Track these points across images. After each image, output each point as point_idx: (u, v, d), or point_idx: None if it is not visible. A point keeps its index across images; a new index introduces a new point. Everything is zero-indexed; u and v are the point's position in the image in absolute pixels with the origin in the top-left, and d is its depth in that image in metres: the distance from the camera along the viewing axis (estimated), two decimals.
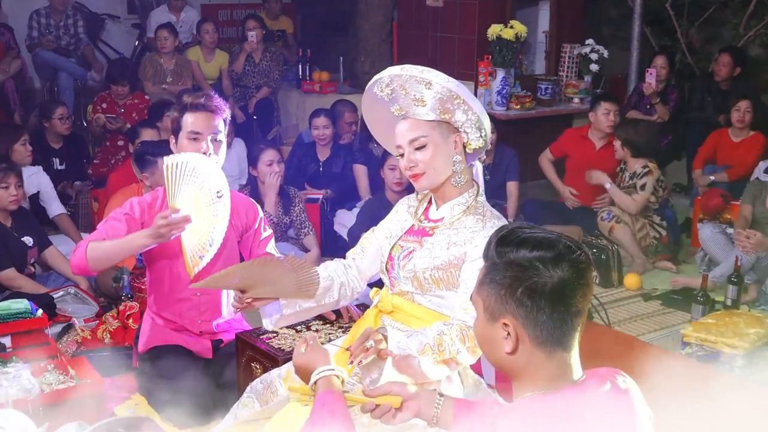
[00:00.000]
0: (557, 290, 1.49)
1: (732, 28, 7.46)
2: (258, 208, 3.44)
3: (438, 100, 2.38)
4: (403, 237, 2.54)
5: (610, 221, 5.36)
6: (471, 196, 2.47)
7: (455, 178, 2.45)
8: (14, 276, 4.26)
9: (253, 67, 7.43)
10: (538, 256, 1.50)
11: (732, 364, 3.87)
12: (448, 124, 2.42)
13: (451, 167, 2.44)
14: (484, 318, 1.58)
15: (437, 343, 2.26)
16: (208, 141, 3.14)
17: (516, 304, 1.51)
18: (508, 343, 1.53)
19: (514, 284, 1.51)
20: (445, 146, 2.42)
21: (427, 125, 2.41)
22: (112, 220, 3.23)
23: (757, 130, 5.95)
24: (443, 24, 6.95)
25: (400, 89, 2.40)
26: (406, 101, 2.41)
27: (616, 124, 5.76)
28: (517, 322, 1.52)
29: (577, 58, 6.99)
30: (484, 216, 2.44)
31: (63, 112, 5.97)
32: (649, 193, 5.34)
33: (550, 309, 1.50)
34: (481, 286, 1.57)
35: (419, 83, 2.37)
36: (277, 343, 3.08)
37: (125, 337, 3.96)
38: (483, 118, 2.43)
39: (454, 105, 2.39)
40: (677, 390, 2.81)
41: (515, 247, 1.52)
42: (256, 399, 2.71)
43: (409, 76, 2.37)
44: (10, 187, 4.42)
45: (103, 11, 8.78)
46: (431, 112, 2.40)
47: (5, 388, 3.03)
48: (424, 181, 2.45)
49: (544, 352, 1.52)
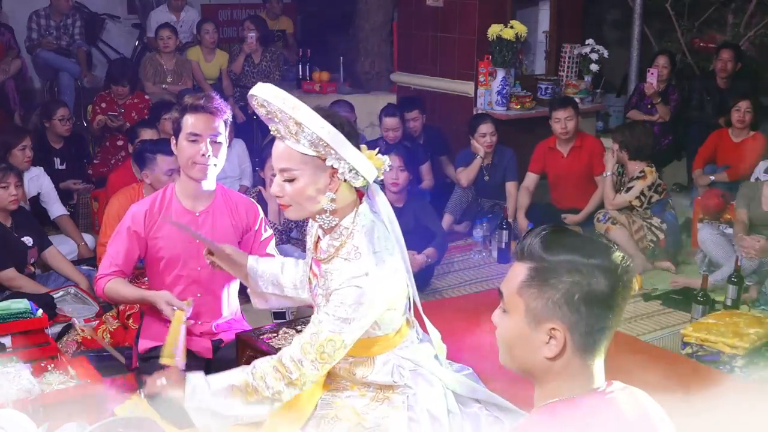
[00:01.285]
0: (610, 299, 1.45)
1: (732, 28, 7.46)
2: (258, 209, 3.44)
3: (309, 141, 2.20)
4: (312, 266, 2.50)
5: (606, 222, 5.37)
6: (345, 231, 2.31)
7: (324, 216, 2.30)
8: (14, 276, 4.26)
9: (253, 68, 7.43)
10: (596, 264, 1.45)
11: (732, 364, 3.87)
12: (322, 161, 2.24)
13: (319, 204, 2.28)
14: (523, 320, 1.50)
15: (245, 384, 2.33)
16: (207, 143, 3.14)
17: (570, 310, 1.45)
18: (550, 349, 1.47)
19: (572, 289, 1.45)
20: (317, 182, 2.26)
21: (299, 158, 2.23)
22: (119, 241, 3.27)
23: (757, 130, 5.95)
24: (443, 24, 6.95)
25: (274, 115, 2.23)
26: (281, 127, 2.25)
27: (570, 129, 5.73)
28: (566, 328, 1.46)
29: (577, 58, 6.99)
30: (349, 259, 2.29)
31: (64, 113, 5.97)
32: (632, 196, 5.37)
33: (601, 317, 1.46)
34: (526, 287, 1.49)
35: (290, 119, 2.19)
36: (277, 343, 3.08)
37: (125, 337, 3.96)
38: (359, 166, 2.24)
39: (326, 151, 2.22)
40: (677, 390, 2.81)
41: (570, 252, 1.47)
42: None
43: (280, 108, 2.19)
44: (10, 186, 4.42)
45: (103, 11, 8.78)
46: (304, 147, 2.22)
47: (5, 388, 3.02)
48: (291, 213, 2.35)
49: (582, 359, 1.48)
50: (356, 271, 2.26)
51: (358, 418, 2.38)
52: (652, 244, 5.36)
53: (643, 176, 5.38)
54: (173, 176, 4.21)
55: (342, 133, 2.21)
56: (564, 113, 5.75)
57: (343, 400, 2.45)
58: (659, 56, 6.76)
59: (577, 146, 5.83)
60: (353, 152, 2.23)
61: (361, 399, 2.44)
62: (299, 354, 2.28)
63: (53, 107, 6.06)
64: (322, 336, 2.26)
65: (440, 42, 7.00)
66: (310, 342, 2.28)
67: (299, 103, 2.20)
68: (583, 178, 5.80)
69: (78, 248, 5.16)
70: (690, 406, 2.64)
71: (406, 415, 2.37)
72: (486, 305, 4.72)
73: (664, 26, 7.80)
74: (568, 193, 5.89)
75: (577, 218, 5.70)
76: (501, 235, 5.53)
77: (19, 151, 5.12)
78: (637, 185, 5.37)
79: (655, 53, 6.99)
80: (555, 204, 6.01)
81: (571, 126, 5.75)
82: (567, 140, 5.83)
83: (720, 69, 6.67)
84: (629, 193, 5.38)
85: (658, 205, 5.42)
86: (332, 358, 2.29)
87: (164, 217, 3.28)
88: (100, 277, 3.28)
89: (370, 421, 2.38)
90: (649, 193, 5.38)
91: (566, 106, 5.79)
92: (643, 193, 5.37)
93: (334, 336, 2.26)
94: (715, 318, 4.22)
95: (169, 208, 3.29)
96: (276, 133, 2.28)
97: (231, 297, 3.45)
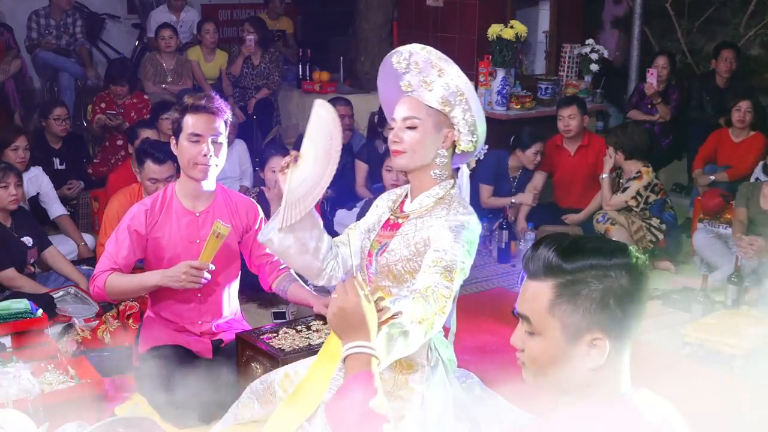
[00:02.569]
0: (635, 296, 1.44)
1: (732, 28, 7.46)
2: (258, 209, 3.45)
3: (444, 89, 2.41)
4: (379, 232, 2.56)
5: (605, 223, 5.37)
6: (443, 189, 2.48)
7: (434, 170, 2.47)
8: (14, 276, 4.26)
9: (252, 70, 7.42)
10: (618, 263, 1.44)
11: (732, 364, 3.87)
12: (445, 117, 2.45)
13: (432, 158, 2.46)
14: (561, 338, 1.45)
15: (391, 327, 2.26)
16: (208, 143, 3.14)
17: (608, 315, 1.42)
18: (594, 359, 1.44)
19: (606, 294, 1.42)
20: (435, 136, 2.45)
21: (425, 110, 2.44)
22: (119, 240, 3.26)
23: (757, 130, 5.95)
24: (443, 24, 6.95)
25: (414, 66, 2.44)
26: (416, 79, 2.45)
27: (573, 127, 5.75)
28: (606, 335, 1.43)
29: (577, 58, 6.99)
30: (450, 205, 2.44)
31: (60, 113, 5.93)
32: (628, 197, 5.36)
33: (633, 314, 1.44)
34: (556, 305, 1.44)
35: (433, 67, 2.41)
36: (277, 343, 3.08)
37: (125, 337, 3.95)
38: (479, 123, 2.45)
39: (456, 100, 2.42)
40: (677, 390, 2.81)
41: (590, 257, 1.44)
42: (255, 399, 2.72)
43: (426, 57, 2.41)
44: (10, 186, 4.42)
45: (103, 11, 8.78)
46: (434, 99, 2.43)
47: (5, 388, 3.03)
48: (402, 160, 2.47)
49: (619, 358, 1.47)
50: (463, 210, 2.40)
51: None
52: (651, 244, 5.36)
53: (639, 176, 5.37)
54: (156, 185, 4.17)
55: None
56: (567, 111, 5.78)
57: None
58: (659, 56, 6.75)
59: (584, 145, 5.85)
60: (480, 108, 2.44)
61: None
62: (443, 289, 2.23)
63: (50, 106, 6.02)
64: (452, 264, 2.26)
65: (440, 42, 7.00)
66: (439, 274, 2.24)
67: (444, 56, 2.43)
68: (588, 177, 5.80)
69: (78, 248, 5.15)
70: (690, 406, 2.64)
71: (417, 414, 2.37)
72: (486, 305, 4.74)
73: (664, 26, 7.79)
74: (573, 192, 5.89)
75: (577, 218, 5.70)
76: (501, 235, 5.53)
77: (11, 151, 5.04)
78: (633, 185, 5.37)
79: (655, 53, 6.99)
80: (558, 203, 6.01)
81: (574, 124, 5.76)
82: (574, 139, 5.84)
83: (723, 69, 6.67)
84: (625, 194, 5.38)
85: (656, 206, 5.42)
86: (455, 288, 2.28)
87: (165, 216, 3.29)
88: (97, 275, 3.25)
89: None
90: (645, 194, 5.38)
91: (570, 105, 5.83)
92: (639, 194, 5.37)
93: (460, 264, 2.28)
94: (715, 318, 4.22)
95: (169, 208, 3.30)
96: (406, 88, 2.46)
97: (231, 297, 3.46)
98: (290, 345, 3.06)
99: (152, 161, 4.22)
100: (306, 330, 3.20)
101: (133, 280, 3.26)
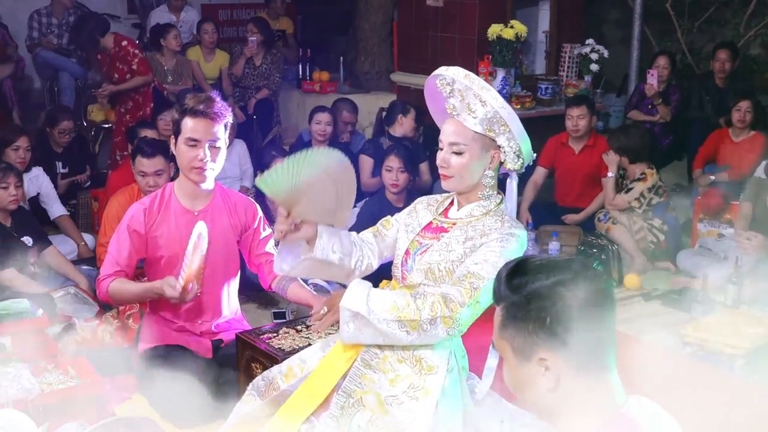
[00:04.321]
0: (584, 310, 1.43)
1: (732, 28, 7.46)
2: (257, 208, 3.44)
3: (487, 118, 2.44)
4: (420, 233, 2.58)
5: (607, 222, 5.37)
6: (493, 203, 2.53)
7: (482, 190, 2.52)
8: (14, 276, 4.25)
9: (253, 70, 7.43)
10: (557, 281, 1.44)
11: (732, 364, 3.87)
12: (491, 140, 2.48)
13: (480, 179, 2.51)
14: (515, 361, 1.49)
15: (405, 303, 2.33)
16: (205, 149, 3.13)
17: (547, 335, 1.43)
18: (549, 379, 1.45)
19: (540, 316, 1.43)
20: (481, 159, 2.49)
21: (471, 134, 2.47)
22: (120, 240, 3.27)
23: (757, 130, 5.95)
24: (443, 24, 6.95)
25: (458, 92, 2.47)
26: (461, 105, 2.47)
27: (581, 127, 5.76)
28: (554, 354, 1.44)
29: (577, 58, 6.99)
30: (503, 220, 2.48)
31: (66, 127, 5.93)
32: (631, 198, 5.37)
33: (582, 331, 1.43)
34: (504, 329, 1.49)
35: (475, 97, 2.43)
36: (277, 343, 3.08)
37: (125, 337, 3.95)
38: (524, 147, 2.49)
39: (500, 129, 2.45)
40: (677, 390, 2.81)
41: (531, 278, 1.46)
42: (257, 396, 2.72)
43: (468, 87, 2.44)
44: (10, 186, 4.42)
45: (103, 11, 8.75)
46: (479, 125, 2.45)
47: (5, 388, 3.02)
48: (450, 184, 2.53)
49: (588, 378, 1.45)
50: (515, 226, 2.47)
51: (381, 409, 2.39)
52: (652, 245, 5.36)
53: (643, 178, 5.37)
54: (146, 180, 4.21)
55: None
56: (577, 111, 5.79)
57: (373, 382, 2.45)
58: (659, 57, 6.75)
59: (590, 145, 5.85)
60: (524, 134, 2.48)
61: (391, 388, 2.44)
62: (459, 297, 2.34)
63: (59, 117, 5.98)
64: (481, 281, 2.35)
65: (440, 42, 7.00)
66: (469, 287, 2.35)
67: (486, 85, 2.46)
68: (590, 177, 5.80)
69: (78, 248, 5.15)
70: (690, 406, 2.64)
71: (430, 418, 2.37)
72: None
73: (664, 26, 7.79)
74: (573, 191, 5.89)
75: (577, 218, 5.70)
76: None
77: (12, 150, 5.06)
78: (638, 187, 5.37)
79: (655, 54, 6.98)
80: (558, 201, 6.02)
81: (583, 124, 5.77)
82: (579, 138, 5.85)
83: (718, 69, 6.67)
84: (629, 194, 5.38)
85: (659, 207, 5.42)
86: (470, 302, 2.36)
87: (163, 215, 3.29)
88: (102, 279, 3.28)
89: (394, 415, 2.39)
90: (648, 195, 5.38)
91: (580, 104, 5.84)
92: (642, 195, 5.37)
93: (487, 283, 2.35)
94: (715, 318, 4.22)
95: (168, 207, 3.30)
96: (451, 111, 2.49)
97: (231, 297, 3.45)
98: (290, 345, 3.06)
99: (141, 155, 4.26)
100: (306, 330, 3.20)
101: (134, 292, 3.25)
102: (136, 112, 6.50)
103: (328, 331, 3.16)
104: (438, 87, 2.52)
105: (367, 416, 2.38)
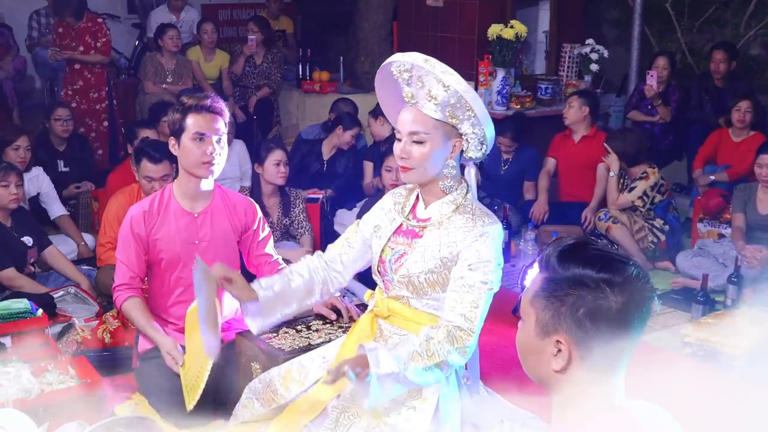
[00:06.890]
0: (620, 316, 1.42)
1: (732, 28, 7.46)
2: (257, 208, 3.44)
3: (450, 104, 2.33)
4: (392, 238, 2.50)
5: (607, 221, 5.37)
6: (460, 195, 2.44)
7: (444, 181, 2.43)
8: (14, 276, 4.26)
9: (254, 69, 7.43)
10: (606, 279, 1.42)
11: (732, 364, 3.87)
12: (452, 127, 2.37)
13: (442, 169, 2.41)
14: (534, 330, 1.48)
15: (425, 349, 2.26)
16: (213, 142, 3.14)
17: (575, 324, 1.42)
18: (558, 362, 1.45)
19: (577, 303, 1.42)
20: (443, 148, 2.38)
21: (431, 123, 2.36)
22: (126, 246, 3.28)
23: (757, 130, 5.95)
24: (443, 24, 6.94)
25: (417, 79, 2.36)
26: (420, 92, 2.36)
27: (570, 116, 5.87)
28: (572, 342, 1.44)
29: (577, 58, 6.99)
30: (474, 215, 2.41)
31: (62, 114, 5.95)
32: (634, 197, 5.37)
33: (609, 334, 1.42)
34: (537, 297, 1.48)
35: (438, 82, 2.32)
36: (277, 342, 3.08)
37: (125, 337, 3.95)
38: (488, 132, 2.39)
39: (465, 115, 2.34)
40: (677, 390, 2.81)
41: (581, 265, 1.44)
42: (255, 399, 2.72)
43: (430, 71, 2.32)
44: (10, 186, 4.42)
45: (103, 11, 8.76)
46: (440, 111, 2.35)
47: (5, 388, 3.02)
48: (412, 176, 2.43)
49: (595, 373, 1.45)
50: (488, 219, 2.39)
51: (377, 419, 2.37)
52: (652, 245, 5.36)
53: (645, 177, 5.37)
54: (152, 184, 4.21)
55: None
56: (572, 101, 5.94)
57: None
58: (659, 57, 6.75)
59: (589, 137, 5.92)
60: (488, 118, 2.37)
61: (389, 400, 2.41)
62: (466, 324, 2.31)
63: (53, 107, 6.07)
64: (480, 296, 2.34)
65: (440, 42, 7.00)
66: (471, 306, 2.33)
67: (449, 69, 2.33)
68: (586, 167, 5.82)
69: (78, 248, 5.15)
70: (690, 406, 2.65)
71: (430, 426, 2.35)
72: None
73: (664, 26, 7.79)
74: (573, 182, 5.94)
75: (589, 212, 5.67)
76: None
77: (12, 150, 5.06)
78: (640, 185, 5.37)
79: (655, 54, 6.98)
80: (560, 195, 6.05)
81: (571, 114, 5.87)
82: (578, 129, 5.92)
83: (713, 70, 6.67)
84: (632, 193, 5.37)
85: (661, 207, 5.42)
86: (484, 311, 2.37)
87: (163, 217, 3.29)
88: (117, 288, 3.31)
89: (390, 424, 2.37)
90: (651, 194, 5.38)
91: (577, 96, 6.00)
92: (645, 194, 5.37)
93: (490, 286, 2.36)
94: (715, 318, 4.22)
95: (167, 209, 3.29)
96: (409, 99, 2.38)
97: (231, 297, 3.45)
98: (290, 345, 3.06)
99: (148, 160, 4.25)
100: (306, 330, 3.20)
101: (140, 323, 3.28)
102: (86, 92, 6.78)
103: (329, 332, 3.17)
104: (394, 74, 2.41)
105: (364, 426, 2.37)
